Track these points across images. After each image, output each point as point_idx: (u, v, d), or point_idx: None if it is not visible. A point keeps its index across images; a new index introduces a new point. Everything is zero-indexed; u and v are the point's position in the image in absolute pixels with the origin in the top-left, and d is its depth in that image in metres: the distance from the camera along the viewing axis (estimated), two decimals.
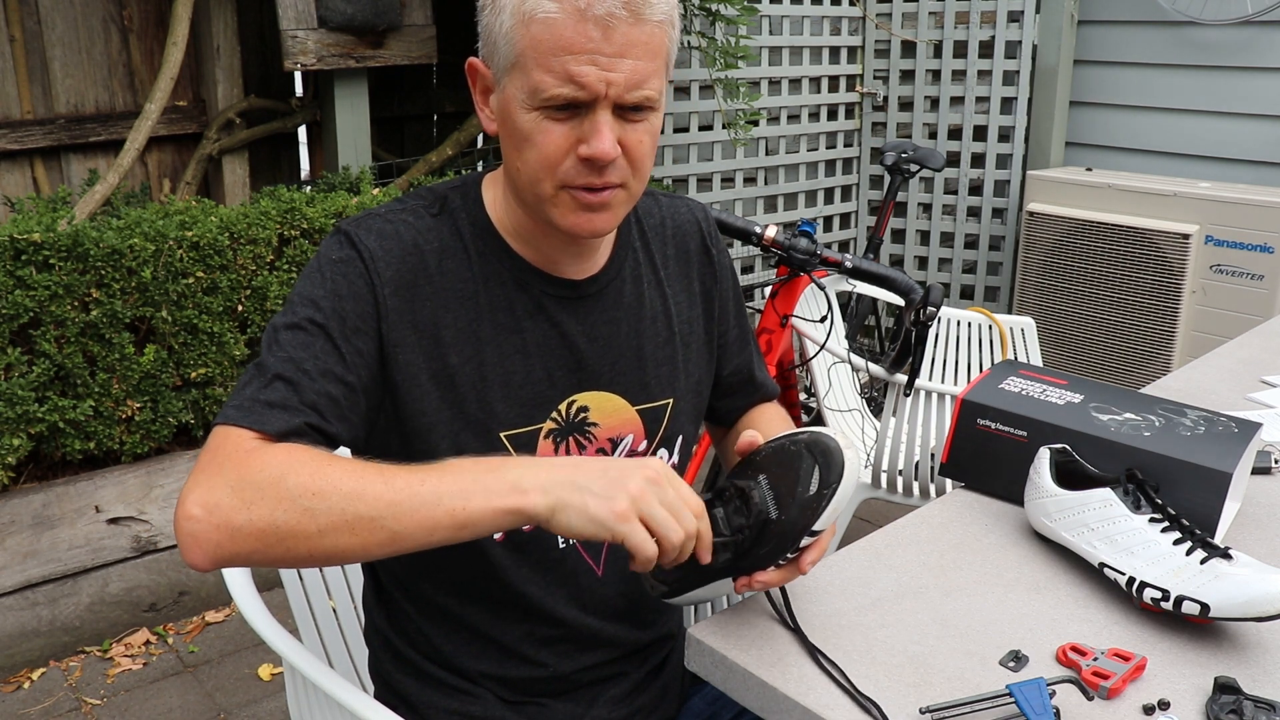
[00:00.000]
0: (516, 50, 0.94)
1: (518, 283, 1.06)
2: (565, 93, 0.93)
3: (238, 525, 0.85)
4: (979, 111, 3.98)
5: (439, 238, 1.04)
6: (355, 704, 1.00)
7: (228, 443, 0.90)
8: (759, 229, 1.98)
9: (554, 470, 0.87)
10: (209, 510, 0.85)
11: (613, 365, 1.11)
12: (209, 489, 0.86)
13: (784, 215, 4.07)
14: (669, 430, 1.17)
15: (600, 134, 0.94)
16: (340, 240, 1.02)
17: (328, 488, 0.85)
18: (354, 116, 3.16)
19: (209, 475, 0.88)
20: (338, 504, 0.85)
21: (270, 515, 0.85)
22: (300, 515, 0.85)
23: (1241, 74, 3.50)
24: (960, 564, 1.17)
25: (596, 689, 1.16)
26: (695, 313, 1.20)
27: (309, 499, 0.85)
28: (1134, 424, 1.25)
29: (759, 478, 0.96)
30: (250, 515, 0.85)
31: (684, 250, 1.20)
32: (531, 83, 0.94)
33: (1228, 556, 1.03)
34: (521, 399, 1.06)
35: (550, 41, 0.92)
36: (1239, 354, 1.90)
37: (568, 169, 0.97)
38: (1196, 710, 0.92)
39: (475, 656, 1.12)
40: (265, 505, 0.85)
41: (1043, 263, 3.70)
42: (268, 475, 0.86)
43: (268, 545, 0.86)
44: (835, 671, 0.95)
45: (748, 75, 3.58)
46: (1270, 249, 3.25)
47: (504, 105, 0.98)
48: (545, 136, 0.95)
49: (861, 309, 3.50)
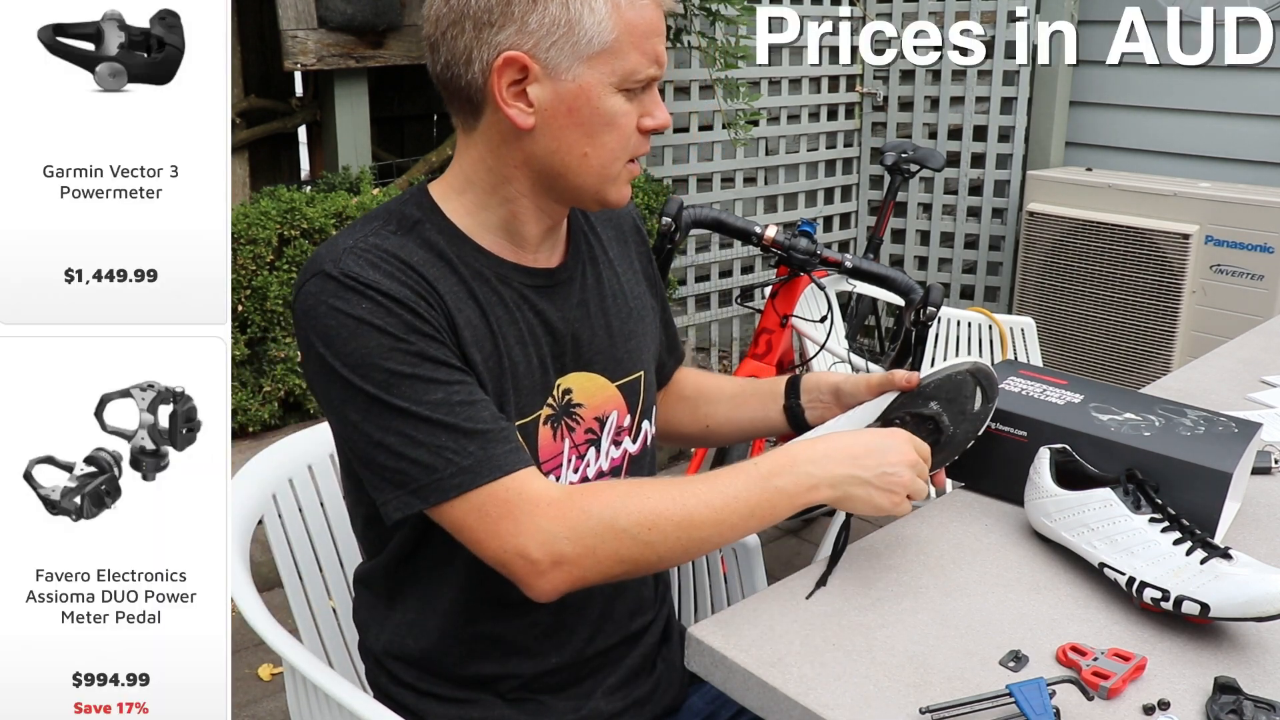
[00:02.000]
0: (610, 36, 0.99)
1: (499, 277, 1.08)
2: (653, 72, 1.03)
3: (588, 568, 0.98)
4: (979, 111, 3.98)
5: (415, 250, 1.03)
6: (355, 704, 1.00)
7: (510, 495, 0.97)
8: (759, 229, 1.98)
9: (837, 465, 1.03)
10: (558, 564, 0.96)
11: (590, 345, 1.14)
12: (544, 541, 0.96)
13: (784, 215, 4.07)
14: (646, 401, 1.21)
15: (662, 105, 1.06)
16: (340, 285, 0.98)
17: (659, 520, 0.98)
18: (354, 116, 3.16)
19: (528, 527, 0.96)
20: (672, 533, 0.99)
21: (617, 555, 0.98)
22: (642, 549, 0.98)
23: (1242, 74, 3.50)
24: (960, 564, 1.17)
25: (592, 681, 1.16)
26: (641, 288, 1.25)
27: (646, 533, 0.98)
28: (1134, 424, 1.25)
29: (931, 404, 1.18)
30: (598, 559, 0.97)
31: (621, 230, 1.25)
32: (628, 65, 1.00)
33: (1228, 556, 1.03)
34: (526, 388, 1.08)
35: (644, 26, 1.01)
36: (1239, 354, 1.90)
37: (636, 142, 1.06)
38: (1196, 710, 0.92)
39: (479, 660, 1.12)
40: (609, 548, 0.97)
41: (1043, 263, 3.69)
42: (599, 520, 0.97)
43: (614, 576, 1.01)
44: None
45: (748, 75, 3.58)
46: (1270, 249, 3.25)
47: (575, 94, 1.00)
48: (628, 118, 1.03)
49: (861, 309, 3.50)
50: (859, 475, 1.03)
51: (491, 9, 0.98)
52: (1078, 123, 3.93)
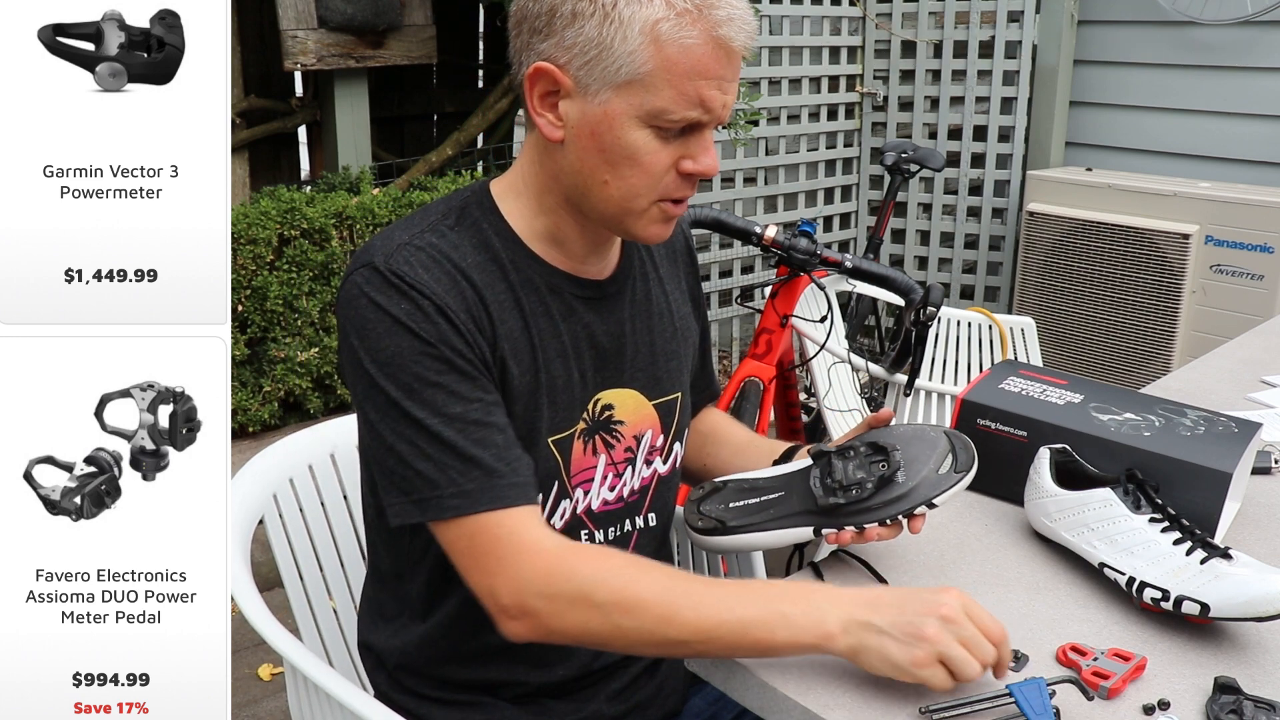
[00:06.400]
0: (642, 68, 0.94)
1: (550, 287, 1.07)
2: (693, 116, 0.96)
3: (553, 629, 0.96)
4: (979, 111, 3.98)
5: (469, 252, 1.03)
6: (356, 704, 1.00)
7: (502, 533, 0.96)
8: (759, 229, 1.98)
9: (854, 608, 0.92)
10: (524, 615, 0.95)
11: (631, 361, 1.13)
12: (517, 590, 0.95)
13: (784, 215, 4.07)
14: (680, 423, 1.19)
15: (710, 152, 1.00)
16: (385, 281, 0.98)
17: (638, 607, 0.93)
18: (354, 116, 3.15)
19: (508, 570, 0.95)
20: (648, 625, 0.93)
21: (584, 626, 0.95)
22: (611, 630, 0.94)
23: (1241, 74, 3.50)
24: (960, 564, 1.17)
25: (594, 687, 1.16)
26: (686, 309, 1.24)
27: (620, 616, 0.93)
28: (1134, 424, 1.25)
29: (895, 447, 1.06)
30: (564, 624, 0.95)
31: (673, 250, 1.24)
32: (658, 103, 0.95)
33: (1228, 556, 1.03)
34: (562, 402, 1.07)
35: (687, 66, 0.94)
36: (1239, 354, 1.90)
37: (668, 184, 1.00)
38: (1196, 710, 0.92)
39: (484, 667, 1.12)
40: (578, 616, 0.94)
41: (1043, 263, 3.69)
42: (578, 587, 0.94)
43: (581, 643, 0.99)
44: None
45: (748, 75, 3.58)
46: (1270, 249, 3.25)
47: (599, 119, 0.97)
48: (655, 156, 0.98)
49: (861, 309, 3.50)
50: (874, 622, 0.91)
51: (540, 17, 0.98)
52: (1078, 123, 3.93)
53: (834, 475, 1.05)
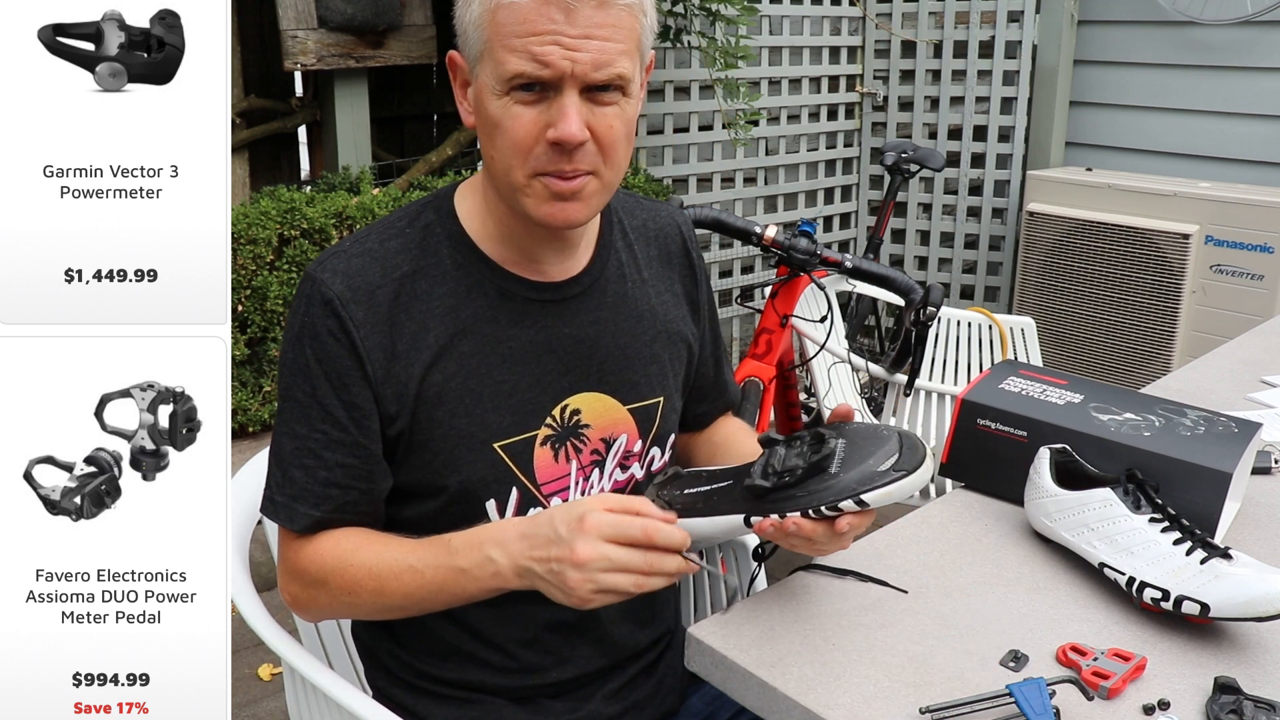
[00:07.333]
0: (485, 37, 0.96)
1: (500, 292, 1.07)
2: (529, 70, 0.94)
3: (314, 612, 1.12)
4: (979, 111, 3.98)
5: (411, 259, 1.05)
6: (355, 704, 1.00)
7: (281, 535, 1.10)
8: (759, 229, 1.98)
9: (517, 550, 0.95)
10: (292, 599, 1.10)
11: (601, 365, 1.12)
12: (287, 580, 1.09)
13: (784, 215, 4.07)
14: (661, 429, 1.18)
15: (567, 116, 0.94)
16: (307, 291, 1.04)
17: (356, 586, 1.03)
18: (354, 116, 3.15)
19: (282, 567, 1.10)
20: (368, 599, 1.03)
21: (329, 607, 1.08)
22: (346, 609, 1.08)
23: (1241, 74, 3.50)
24: (960, 564, 1.17)
25: (591, 687, 1.16)
26: (680, 313, 1.21)
27: (347, 596, 1.04)
28: (1134, 424, 1.25)
29: (838, 438, 1.00)
30: (316, 606, 1.09)
31: (666, 251, 1.22)
32: (498, 65, 0.96)
33: (1228, 556, 1.03)
34: (512, 407, 1.07)
35: (514, 24, 0.94)
36: (1239, 354, 1.90)
37: (539, 155, 0.97)
38: (1196, 710, 0.92)
39: (479, 669, 1.12)
40: (322, 600, 1.07)
41: (1043, 263, 3.69)
42: (313, 578, 1.06)
43: (336, 618, 1.22)
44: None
45: (748, 75, 3.58)
46: (1270, 249, 3.25)
47: (478, 95, 1.00)
48: (515, 121, 0.96)
49: (861, 309, 3.50)
50: (534, 569, 0.93)
51: (456, 4, 1.01)
52: (1078, 123, 3.93)
53: (771, 462, 1.01)
